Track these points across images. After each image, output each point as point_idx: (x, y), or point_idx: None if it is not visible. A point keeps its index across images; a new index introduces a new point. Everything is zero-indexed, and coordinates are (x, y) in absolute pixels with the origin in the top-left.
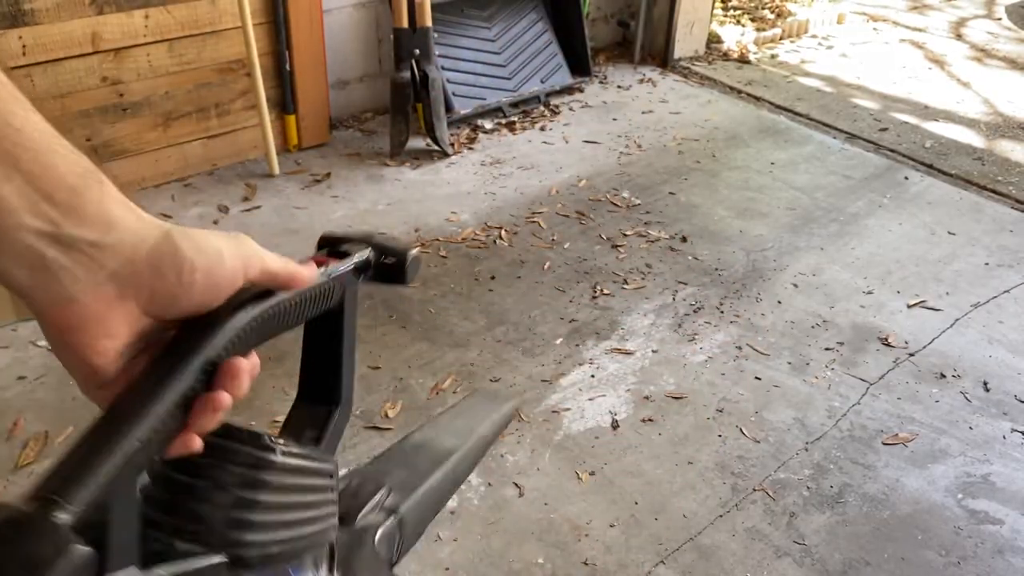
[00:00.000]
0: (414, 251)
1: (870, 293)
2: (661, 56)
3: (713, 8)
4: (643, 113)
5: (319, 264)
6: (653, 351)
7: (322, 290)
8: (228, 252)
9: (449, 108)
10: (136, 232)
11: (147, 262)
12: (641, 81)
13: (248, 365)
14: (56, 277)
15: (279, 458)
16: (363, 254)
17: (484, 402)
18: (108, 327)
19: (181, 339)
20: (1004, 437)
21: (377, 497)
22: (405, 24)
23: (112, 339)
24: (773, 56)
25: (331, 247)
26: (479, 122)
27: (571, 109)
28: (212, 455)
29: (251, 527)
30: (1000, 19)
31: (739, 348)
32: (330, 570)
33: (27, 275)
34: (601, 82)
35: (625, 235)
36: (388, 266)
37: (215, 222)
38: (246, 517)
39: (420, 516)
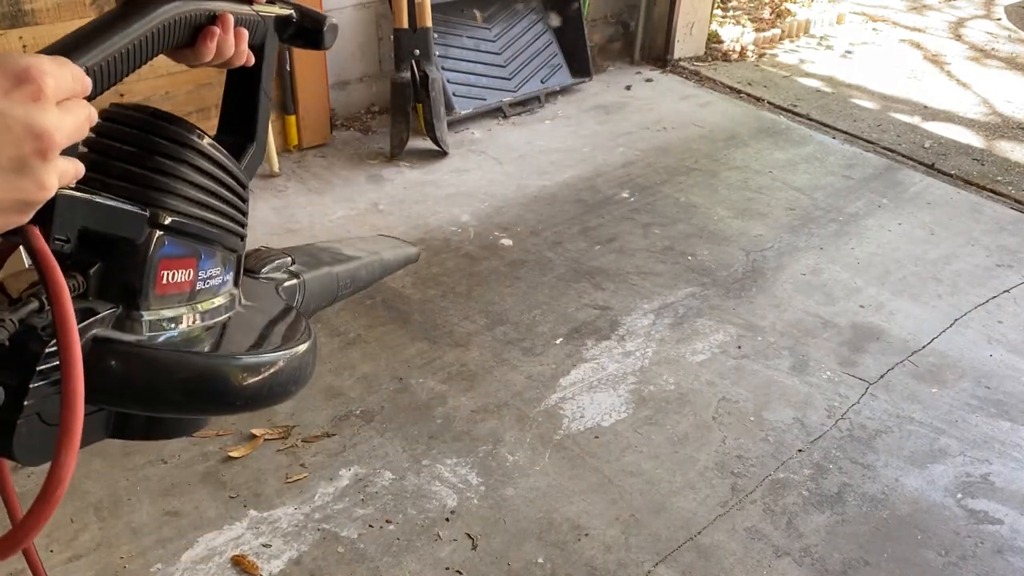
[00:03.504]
0: (333, 20)
1: (869, 293)
2: (661, 56)
3: (713, 8)
4: (643, 113)
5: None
6: (653, 351)
7: (253, 20)
8: None
9: (449, 108)
10: None
11: None
12: (641, 81)
13: (218, 35)
14: None
15: (203, 144)
16: (287, 9)
17: (391, 240)
18: None
19: None
20: (1004, 437)
21: (281, 261)
22: (405, 24)
23: None
24: (773, 56)
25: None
26: (479, 122)
27: (571, 109)
28: (147, 128)
29: (170, 194)
30: (999, 19)
31: (739, 348)
32: (235, 283)
33: None
34: (601, 82)
35: (625, 235)
36: (308, 29)
37: None
38: (167, 183)
39: (318, 291)
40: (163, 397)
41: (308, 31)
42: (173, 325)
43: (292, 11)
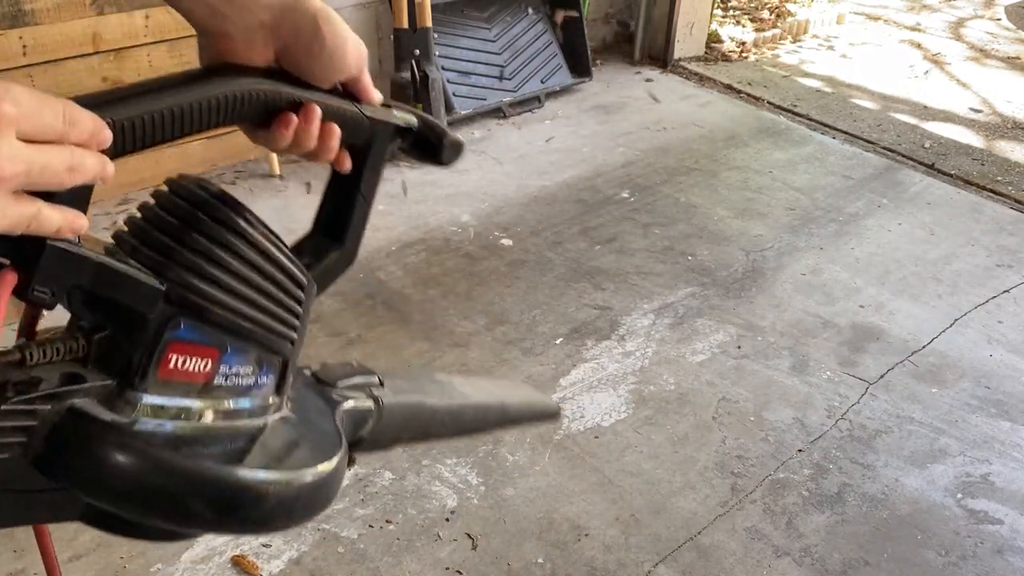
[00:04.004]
0: (456, 136)
1: (869, 293)
2: (661, 56)
3: (713, 8)
4: (643, 113)
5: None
6: (653, 351)
7: (355, 119)
8: (352, 47)
9: (449, 108)
10: (292, 1)
11: (291, 26)
12: (641, 81)
13: (295, 123)
14: (221, 18)
15: (254, 233)
16: (408, 118)
17: (526, 389)
18: (251, 58)
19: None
20: (1004, 437)
21: (366, 379)
22: (405, 24)
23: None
24: (773, 56)
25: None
26: (479, 122)
27: (571, 109)
28: (196, 203)
29: (200, 275)
30: (999, 19)
31: (739, 348)
32: (277, 388)
33: (204, 17)
34: (601, 82)
35: (625, 235)
36: (427, 142)
37: None
38: (198, 263)
39: (399, 422)
40: (128, 494)
41: (427, 144)
42: (174, 416)
43: (414, 120)
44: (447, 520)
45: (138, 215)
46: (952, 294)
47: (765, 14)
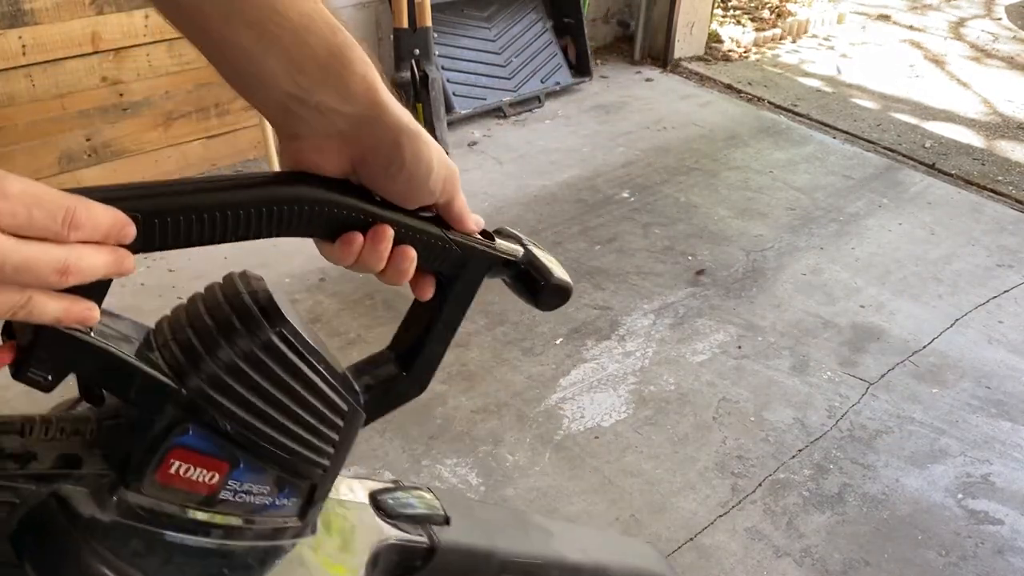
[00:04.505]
0: (563, 279)
1: (870, 293)
2: (661, 56)
3: (713, 8)
4: (643, 113)
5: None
6: (653, 351)
7: (439, 245)
8: (436, 173)
9: (449, 108)
10: (373, 111)
11: (371, 140)
12: (641, 81)
13: (360, 243)
14: (294, 119)
15: (289, 351)
16: (513, 249)
17: (642, 548)
18: (322, 165)
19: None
20: (1004, 437)
21: (428, 512)
22: (405, 24)
23: (322, 172)
24: (773, 56)
25: (497, 233)
26: (479, 122)
27: (571, 109)
28: (236, 307)
29: (221, 388)
30: (1000, 19)
31: (739, 348)
32: (301, 513)
33: (277, 116)
34: (601, 82)
35: (625, 235)
36: (530, 279)
37: None
38: (219, 375)
39: (457, 567)
40: None
41: (528, 281)
42: (166, 523)
43: (519, 252)
44: None
45: (183, 309)
46: (953, 294)
47: (765, 14)
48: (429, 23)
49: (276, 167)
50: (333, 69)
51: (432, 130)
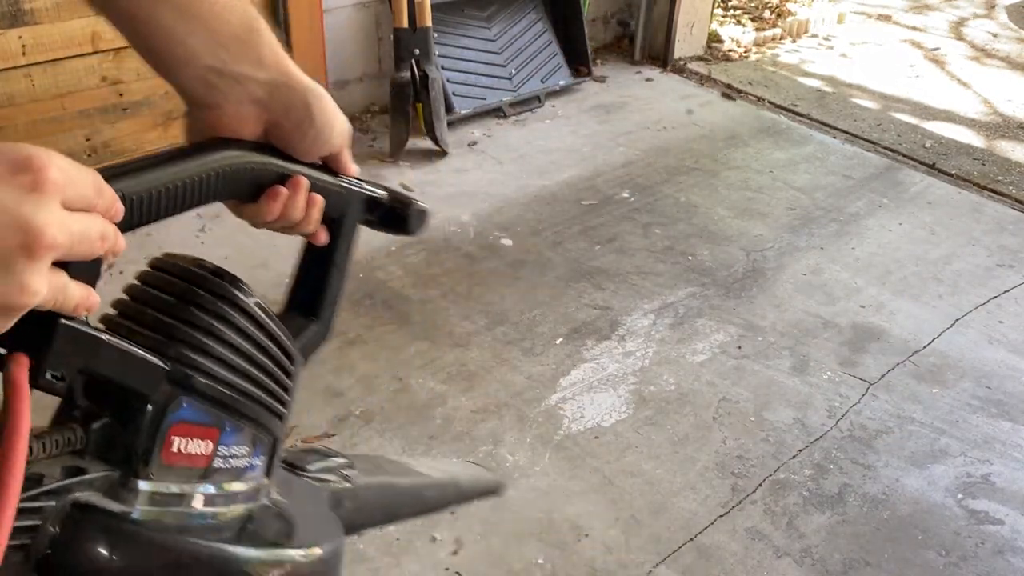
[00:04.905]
0: (423, 204)
1: (870, 293)
2: (661, 56)
3: (713, 8)
4: (643, 113)
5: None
6: (653, 351)
7: (337, 191)
8: (338, 128)
9: (449, 108)
10: (283, 76)
11: (283, 103)
12: (641, 81)
13: (285, 196)
14: (215, 92)
15: (250, 304)
16: (378, 191)
17: (473, 467)
18: (240, 131)
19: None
20: (1004, 437)
21: (336, 461)
22: (405, 24)
23: (241, 137)
24: (773, 56)
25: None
26: (479, 122)
27: (571, 109)
28: (190, 279)
29: (200, 351)
30: (1000, 19)
31: (739, 348)
32: (267, 469)
33: (198, 89)
34: (601, 82)
35: (625, 235)
36: (395, 213)
37: (214, 222)
38: (197, 338)
39: (372, 502)
40: None
41: (395, 215)
42: (176, 504)
43: (384, 192)
44: (447, 520)
45: (127, 298)
46: (953, 294)
47: (766, 14)
48: (429, 23)
49: None
50: (250, 41)
51: (432, 130)
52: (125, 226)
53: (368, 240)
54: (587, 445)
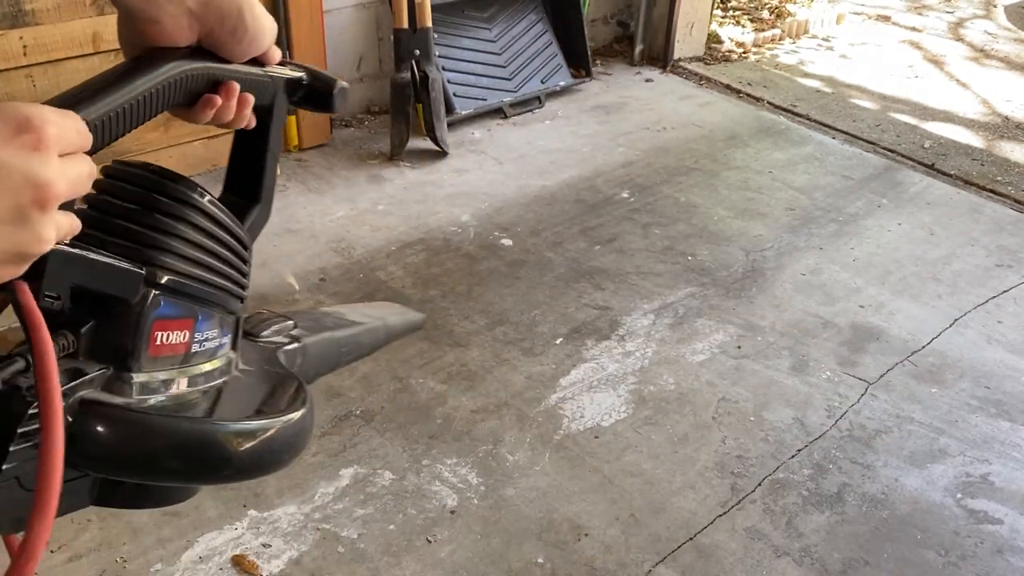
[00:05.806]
0: (343, 83)
1: (869, 293)
2: (661, 56)
3: (713, 8)
4: (643, 113)
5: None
6: (653, 351)
7: (264, 84)
8: (270, 33)
9: (449, 108)
10: None
11: (217, 12)
12: (641, 81)
13: (219, 100)
14: (152, 4)
15: (204, 202)
16: (298, 72)
17: (396, 306)
18: (178, 41)
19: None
20: (1003, 437)
21: (282, 324)
22: (405, 25)
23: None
24: (773, 56)
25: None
26: (479, 122)
27: (571, 109)
28: (147, 186)
29: (168, 252)
30: (999, 19)
31: (739, 348)
32: (233, 346)
33: (139, 4)
34: (601, 82)
35: (625, 235)
36: (318, 92)
37: None
38: (165, 241)
39: (318, 356)
40: (151, 464)
41: (318, 94)
42: (165, 388)
43: (303, 74)
44: (447, 520)
45: (88, 207)
46: (952, 294)
47: (765, 14)
48: (429, 24)
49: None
50: None
51: (432, 130)
52: (91, 152)
53: (368, 241)
54: (587, 445)
